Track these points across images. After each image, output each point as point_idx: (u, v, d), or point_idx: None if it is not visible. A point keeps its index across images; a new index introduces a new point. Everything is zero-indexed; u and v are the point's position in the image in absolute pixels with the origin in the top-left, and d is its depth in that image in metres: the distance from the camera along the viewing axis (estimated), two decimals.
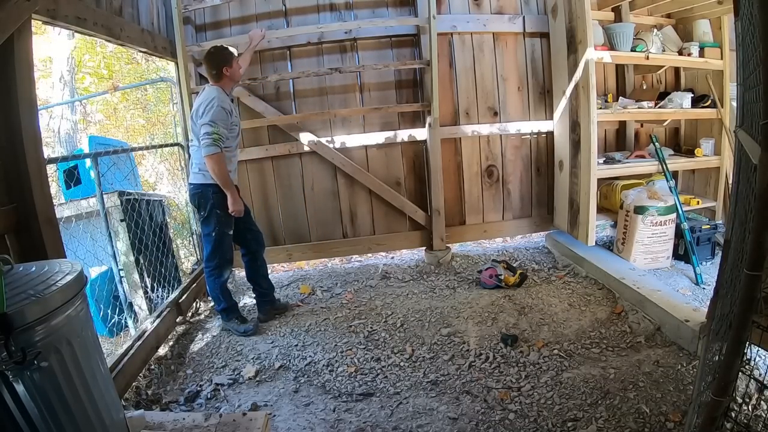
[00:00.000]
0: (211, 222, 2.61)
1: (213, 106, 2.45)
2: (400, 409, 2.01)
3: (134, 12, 2.76)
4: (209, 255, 2.67)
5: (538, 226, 3.85)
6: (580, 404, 1.93)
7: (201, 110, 2.47)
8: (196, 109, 2.51)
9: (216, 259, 2.67)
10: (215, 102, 2.46)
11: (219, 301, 2.76)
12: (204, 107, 2.46)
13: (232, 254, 2.79)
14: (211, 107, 2.44)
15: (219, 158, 2.46)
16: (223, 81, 2.56)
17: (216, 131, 2.43)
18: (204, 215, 2.63)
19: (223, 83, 2.56)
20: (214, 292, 2.75)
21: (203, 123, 2.44)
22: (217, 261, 2.67)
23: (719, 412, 1.15)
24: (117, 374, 2.04)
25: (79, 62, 6.93)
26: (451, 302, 2.94)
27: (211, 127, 2.43)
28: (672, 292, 2.64)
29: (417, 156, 3.59)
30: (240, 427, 1.65)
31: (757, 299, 1.05)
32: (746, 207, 1.24)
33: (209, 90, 2.53)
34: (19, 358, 0.98)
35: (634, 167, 3.38)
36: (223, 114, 2.48)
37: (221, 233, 2.63)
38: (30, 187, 1.66)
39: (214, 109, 2.44)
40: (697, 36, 3.44)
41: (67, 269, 1.21)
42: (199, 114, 2.48)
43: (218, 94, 2.50)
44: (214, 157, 2.45)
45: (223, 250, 2.68)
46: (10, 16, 1.56)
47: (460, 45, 3.47)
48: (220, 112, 2.46)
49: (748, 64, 1.32)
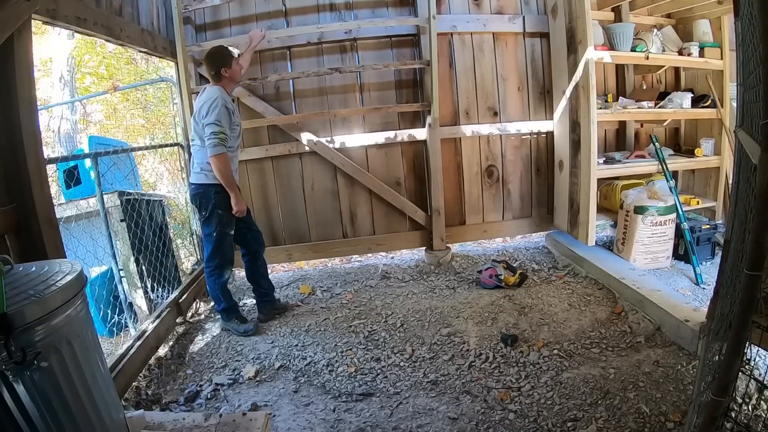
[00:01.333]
0: (212, 222, 2.60)
1: (217, 105, 2.44)
2: (400, 409, 2.01)
3: (134, 12, 2.76)
4: (210, 255, 2.66)
5: (538, 226, 3.85)
6: (580, 404, 1.93)
7: (204, 110, 2.46)
8: (199, 109, 2.51)
9: (217, 259, 2.67)
10: (219, 102, 2.45)
11: (219, 301, 2.76)
12: (207, 107, 2.45)
13: (232, 254, 2.79)
14: (215, 107, 2.44)
15: (225, 158, 2.47)
16: (222, 81, 2.56)
17: (222, 131, 2.44)
18: (205, 215, 2.62)
19: (223, 83, 2.56)
20: (214, 292, 2.75)
21: (208, 123, 2.44)
22: (218, 261, 2.67)
23: (719, 412, 1.15)
24: (117, 374, 2.04)
25: (79, 62, 6.93)
26: (451, 302, 2.94)
27: (217, 126, 2.43)
28: (672, 292, 2.64)
29: (417, 156, 3.59)
30: (240, 427, 1.65)
31: (757, 299, 1.05)
32: (746, 207, 1.24)
33: (211, 90, 2.53)
34: (19, 358, 0.98)
35: (634, 167, 3.38)
36: (227, 114, 2.48)
37: (222, 233, 2.63)
38: (30, 187, 1.66)
39: (218, 109, 2.44)
40: (697, 36, 3.44)
41: (67, 269, 1.21)
42: (202, 114, 2.48)
43: (221, 93, 2.50)
44: (220, 156, 2.45)
45: (224, 251, 2.68)
46: (10, 16, 1.56)
47: (460, 45, 3.47)
48: (224, 112, 2.46)
49: (748, 64, 1.32)
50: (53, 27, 2.21)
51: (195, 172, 2.63)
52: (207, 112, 2.45)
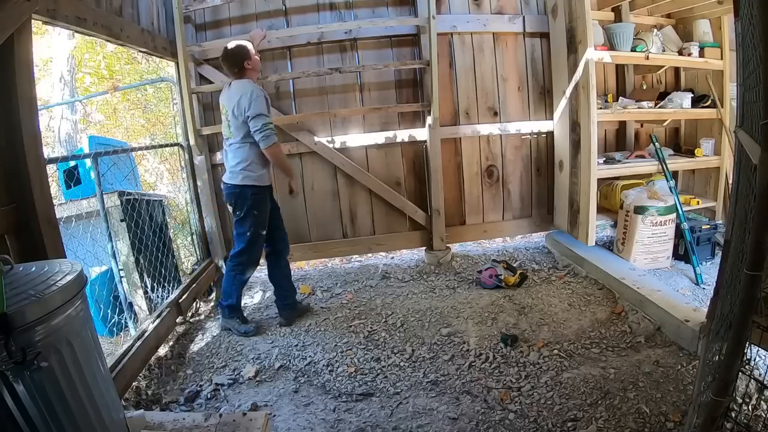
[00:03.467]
0: (247, 222, 2.61)
1: (257, 96, 2.45)
2: (400, 409, 2.01)
3: (134, 12, 2.76)
4: (239, 252, 2.67)
5: (538, 226, 3.85)
6: (580, 404, 1.93)
7: (245, 103, 2.44)
8: (237, 103, 2.47)
9: (245, 256, 2.68)
10: (257, 92, 2.46)
11: (229, 297, 2.74)
12: (247, 100, 2.43)
13: (260, 256, 2.79)
14: (256, 98, 2.44)
15: (279, 146, 2.54)
16: (248, 74, 2.57)
17: (269, 120, 2.47)
18: (240, 215, 2.62)
19: (248, 76, 2.57)
20: (230, 287, 2.73)
21: (255, 115, 2.43)
22: (245, 258, 2.68)
23: (719, 412, 1.15)
24: (117, 374, 2.04)
25: (79, 62, 6.93)
26: (451, 302, 2.94)
27: (265, 117, 2.46)
28: (672, 292, 2.64)
29: (417, 156, 3.59)
30: (240, 427, 1.65)
31: (757, 299, 1.05)
32: (746, 207, 1.24)
33: (242, 84, 2.51)
34: (19, 358, 0.98)
35: (634, 167, 3.38)
36: (267, 103, 2.52)
37: (256, 233, 2.65)
38: (30, 187, 1.66)
39: (259, 99, 2.45)
40: (697, 36, 3.44)
41: (67, 269, 1.21)
42: (242, 108, 2.45)
43: (253, 85, 2.52)
44: (276, 146, 2.50)
45: (254, 250, 2.70)
46: (10, 16, 1.56)
47: (460, 45, 3.47)
48: (264, 102, 2.49)
49: (748, 64, 1.32)
50: (53, 27, 2.21)
51: (234, 171, 2.58)
52: (248, 104, 2.43)
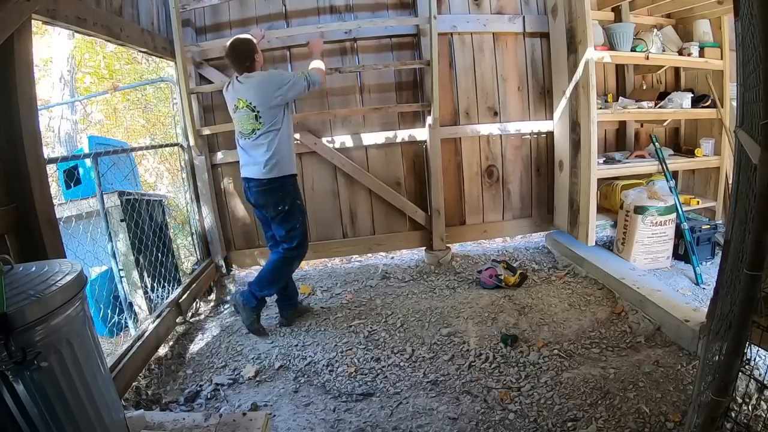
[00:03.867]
0: (295, 214, 2.61)
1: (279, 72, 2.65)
2: (400, 409, 2.02)
3: (134, 12, 2.76)
4: (297, 244, 2.66)
5: (538, 226, 3.85)
6: (580, 404, 1.93)
7: (274, 82, 2.50)
8: (266, 88, 2.48)
9: (303, 248, 2.71)
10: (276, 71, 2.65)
11: (270, 288, 2.68)
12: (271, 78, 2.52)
13: None
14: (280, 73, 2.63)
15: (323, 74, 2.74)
16: (257, 66, 2.59)
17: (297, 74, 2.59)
18: (286, 208, 2.56)
19: (257, 68, 2.60)
20: (278, 279, 2.68)
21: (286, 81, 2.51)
22: (303, 251, 2.72)
23: (719, 412, 1.15)
24: (117, 374, 2.04)
25: (79, 62, 6.93)
26: (451, 302, 2.94)
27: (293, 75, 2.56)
28: (672, 292, 2.64)
29: (417, 156, 3.59)
30: (240, 427, 1.65)
31: (757, 299, 1.05)
32: (746, 207, 1.24)
33: (259, 73, 2.56)
34: (19, 358, 0.98)
35: (634, 167, 3.38)
36: None
37: (304, 222, 2.69)
38: (30, 187, 1.66)
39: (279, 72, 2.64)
40: (697, 36, 3.44)
41: (67, 269, 1.21)
42: (273, 87, 2.48)
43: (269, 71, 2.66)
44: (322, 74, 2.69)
45: (307, 241, 2.75)
46: (10, 16, 1.56)
47: (460, 45, 3.47)
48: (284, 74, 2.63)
49: (748, 64, 1.32)
50: (53, 27, 2.21)
51: (267, 165, 2.50)
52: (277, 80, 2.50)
